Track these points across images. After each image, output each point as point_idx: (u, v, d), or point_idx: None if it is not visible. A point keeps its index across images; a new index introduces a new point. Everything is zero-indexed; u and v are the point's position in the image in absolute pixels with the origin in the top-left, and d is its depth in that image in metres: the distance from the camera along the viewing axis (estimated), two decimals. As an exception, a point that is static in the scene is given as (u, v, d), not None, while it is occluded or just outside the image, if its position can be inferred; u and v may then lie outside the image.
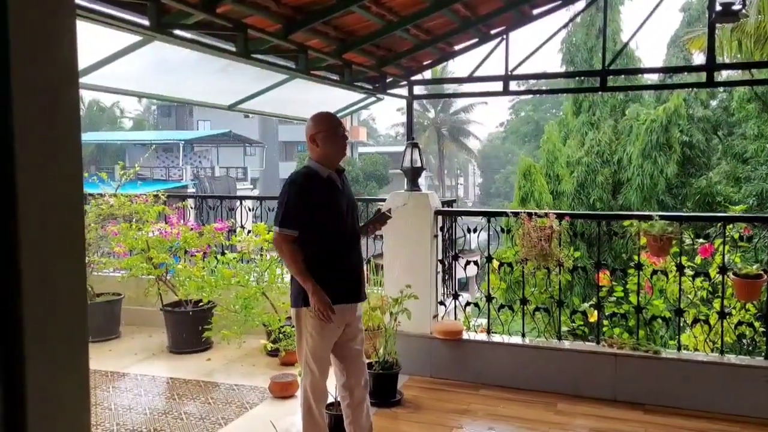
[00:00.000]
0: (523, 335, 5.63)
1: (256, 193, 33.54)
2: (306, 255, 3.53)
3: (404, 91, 6.47)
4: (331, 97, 6.25)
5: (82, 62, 4.11)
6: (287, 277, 6.65)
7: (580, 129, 19.99)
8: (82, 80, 4.35)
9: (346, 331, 3.77)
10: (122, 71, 4.44)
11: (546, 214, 5.38)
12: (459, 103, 49.83)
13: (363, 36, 5.38)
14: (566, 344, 5.51)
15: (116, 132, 46.13)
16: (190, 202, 8.20)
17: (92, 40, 3.80)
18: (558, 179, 18.83)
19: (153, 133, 42.49)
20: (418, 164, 5.80)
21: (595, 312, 5.62)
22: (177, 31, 4.05)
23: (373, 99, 6.54)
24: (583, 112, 20.17)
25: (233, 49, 4.48)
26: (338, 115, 7.05)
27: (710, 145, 19.12)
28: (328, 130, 3.62)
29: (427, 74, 7.97)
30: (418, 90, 6.61)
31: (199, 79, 5.37)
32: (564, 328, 5.74)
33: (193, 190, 28.34)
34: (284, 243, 3.52)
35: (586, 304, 6.07)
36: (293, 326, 3.83)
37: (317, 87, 5.75)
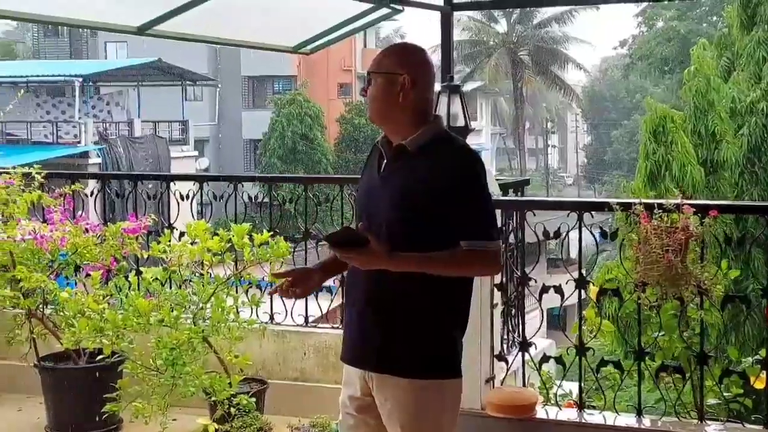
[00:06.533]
0: (640, 412, 4.17)
1: (203, 165, 26.13)
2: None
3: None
4: (320, 7, 4.64)
5: None
6: (246, 313, 4.53)
7: (754, 52, 13.17)
8: None
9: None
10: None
11: (677, 207, 3.79)
12: (548, 9, 32.69)
13: None
14: (714, 427, 4.12)
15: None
16: (91, 185, 5.70)
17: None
18: (714, 140, 12.79)
19: (30, 64, 29.49)
20: (461, 121, 4.35)
21: (764, 373, 4.15)
22: None
23: (385, 11, 4.72)
24: (762, 22, 13.11)
25: None
26: (332, 36, 4.92)
27: None
28: None
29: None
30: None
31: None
32: (710, 401, 4.42)
33: (98, 161, 20.65)
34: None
35: (749, 359, 4.56)
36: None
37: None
